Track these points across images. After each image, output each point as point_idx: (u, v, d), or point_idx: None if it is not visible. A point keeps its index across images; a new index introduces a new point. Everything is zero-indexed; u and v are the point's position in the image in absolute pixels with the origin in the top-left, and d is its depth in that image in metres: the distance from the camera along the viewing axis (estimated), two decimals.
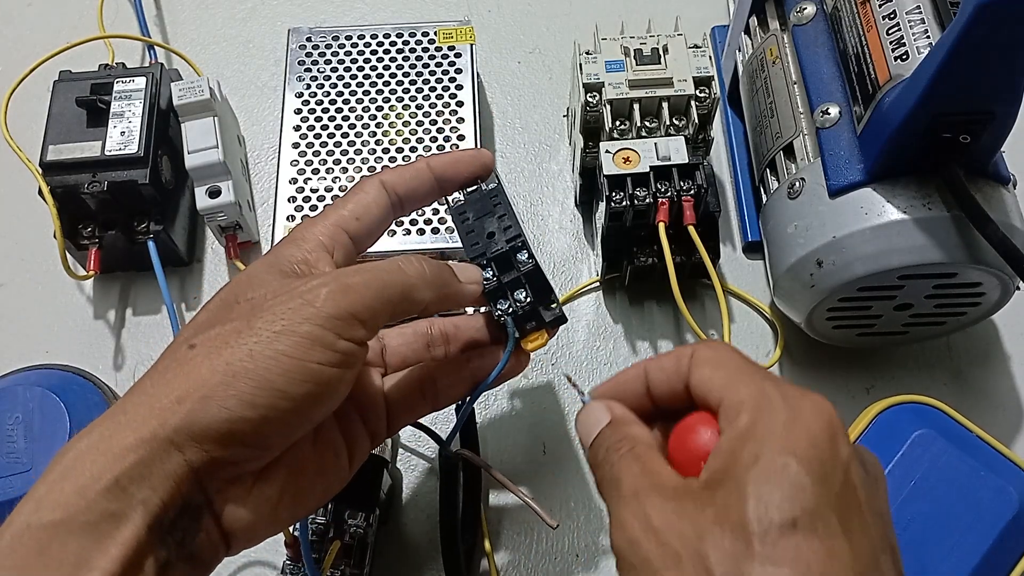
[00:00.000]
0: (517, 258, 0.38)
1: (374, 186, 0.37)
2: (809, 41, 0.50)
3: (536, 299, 0.38)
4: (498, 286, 0.38)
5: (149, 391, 0.29)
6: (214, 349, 0.29)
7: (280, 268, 0.33)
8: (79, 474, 0.27)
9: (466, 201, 0.40)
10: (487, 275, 0.38)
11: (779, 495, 0.25)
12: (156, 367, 0.31)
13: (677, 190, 0.49)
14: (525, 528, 0.49)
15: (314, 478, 0.34)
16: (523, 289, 0.38)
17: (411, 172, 0.38)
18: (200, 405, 0.28)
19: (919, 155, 0.42)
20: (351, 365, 0.31)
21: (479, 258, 0.38)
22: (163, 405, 0.29)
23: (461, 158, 0.39)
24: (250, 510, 0.31)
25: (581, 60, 0.52)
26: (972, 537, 0.41)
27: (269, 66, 0.66)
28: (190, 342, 0.30)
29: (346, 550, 0.44)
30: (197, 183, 0.53)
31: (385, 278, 0.32)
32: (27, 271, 0.58)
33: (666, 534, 0.26)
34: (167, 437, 0.28)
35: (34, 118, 0.55)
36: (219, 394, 0.28)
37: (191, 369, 0.29)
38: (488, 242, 0.38)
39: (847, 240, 0.44)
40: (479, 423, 0.52)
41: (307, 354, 0.29)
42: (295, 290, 0.31)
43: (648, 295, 0.56)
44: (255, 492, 0.31)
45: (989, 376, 0.54)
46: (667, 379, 0.32)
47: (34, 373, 0.49)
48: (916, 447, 0.43)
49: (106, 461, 0.27)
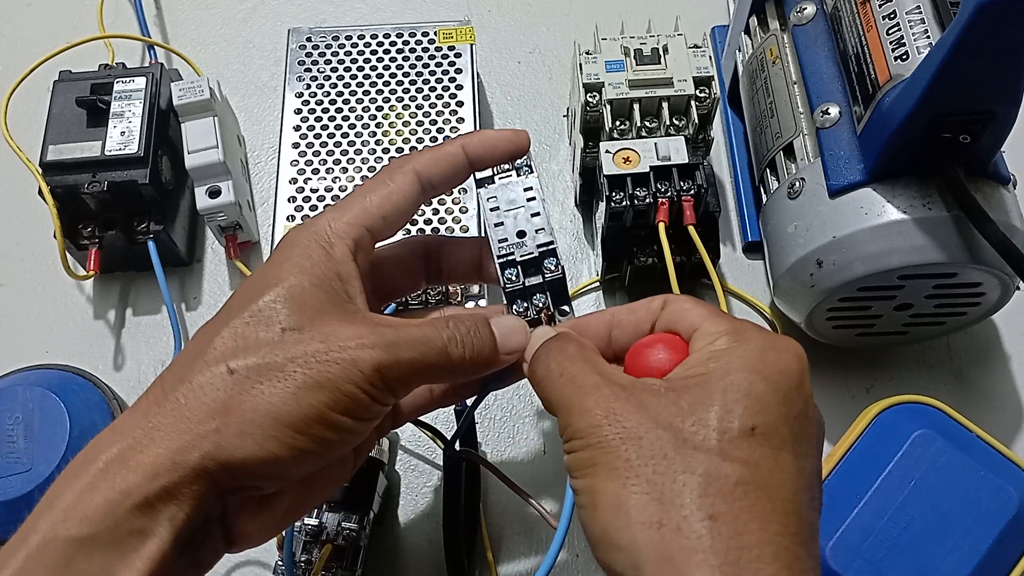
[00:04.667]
0: (545, 264, 0.37)
1: (408, 179, 0.35)
2: (809, 41, 0.50)
3: (554, 304, 0.37)
4: (521, 289, 0.37)
5: (182, 404, 0.29)
6: (256, 383, 0.29)
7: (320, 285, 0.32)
8: (109, 488, 0.27)
9: (496, 184, 0.38)
10: (511, 275, 0.37)
11: (742, 405, 0.28)
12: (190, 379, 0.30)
13: (677, 190, 0.49)
14: (524, 529, 0.49)
15: (321, 486, 0.35)
16: (544, 294, 0.37)
17: (446, 159, 0.36)
18: (237, 440, 0.29)
19: (919, 155, 0.42)
20: (378, 418, 0.32)
21: (507, 258, 0.37)
22: (199, 429, 0.29)
23: (499, 140, 0.37)
24: (259, 521, 0.32)
25: (581, 60, 0.52)
26: (972, 537, 0.41)
27: (269, 66, 0.66)
28: (230, 364, 0.29)
29: (339, 552, 0.44)
30: (197, 183, 0.53)
31: (432, 358, 0.32)
32: (27, 271, 0.58)
33: (628, 419, 0.28)
34: (200, 460, 0.28)
35: (34, 118, 0.55)
36: (258, 433, 0.29)
37: (230, 399, 0.29)
38: (519, 243, 0.37)
39: (847, 240, 0.44)
40: (478, 423, 0.52)
41: (346, 410, 0.30)
42: (345, 347, 0.30)
43: (648, 295, 0.56)
44: (267, 506, 0.32)
45: (989, 376, 0.54)
46: (635, 320, 0.34)
47: (34, 373, 0.49)
48: (916, 447, 0.43)
49: (137, 479, 0.28)
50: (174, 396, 0.29)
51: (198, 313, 0.57)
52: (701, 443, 0.27)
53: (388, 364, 0.31)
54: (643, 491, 0.27)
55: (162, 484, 0.28)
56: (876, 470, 0.43)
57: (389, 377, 0.31)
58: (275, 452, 0.29)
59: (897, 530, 0.42)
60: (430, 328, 0.32)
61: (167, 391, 0.30)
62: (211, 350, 0.30)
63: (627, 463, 0.27)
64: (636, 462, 0.27)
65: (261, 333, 0.30)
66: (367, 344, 0.30)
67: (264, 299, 0.31)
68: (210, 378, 0.29)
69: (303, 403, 0.29)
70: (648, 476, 0.27)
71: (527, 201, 0.37)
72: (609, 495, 0.27)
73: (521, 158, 0.38)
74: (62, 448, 0.45)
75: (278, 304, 0.31)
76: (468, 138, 0.37)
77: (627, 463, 0.27)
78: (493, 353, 0.34)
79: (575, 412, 0.29)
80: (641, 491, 0.27)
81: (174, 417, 0.29)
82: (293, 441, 0.29)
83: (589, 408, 0.29)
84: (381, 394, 0.31)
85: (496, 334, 0.34)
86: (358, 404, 0.30)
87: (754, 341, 0.30)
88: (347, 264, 0.33)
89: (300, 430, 0.29)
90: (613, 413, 0.28)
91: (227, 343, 0.30)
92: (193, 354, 0.30)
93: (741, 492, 0.26)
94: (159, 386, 0.30)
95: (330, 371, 0.30)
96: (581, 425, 0.29)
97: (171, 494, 0.28)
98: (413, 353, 0.31)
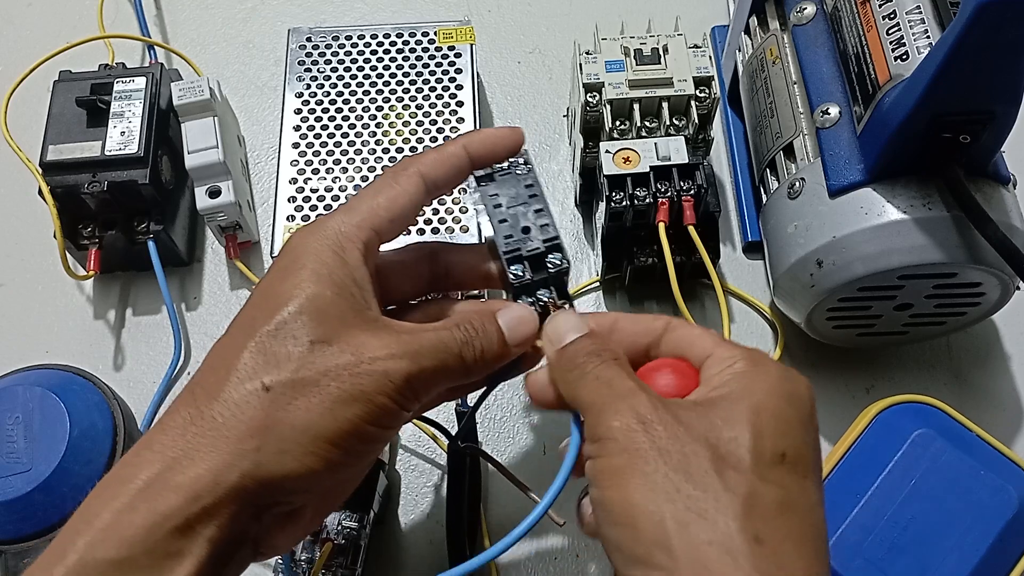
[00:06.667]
0: (549, 258, 0.37)
1: (413, 181, 0.35)
2: (809, 41, 0.50)
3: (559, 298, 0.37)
4: (528, 284, 0.37)
5: (220, 423, 0.29)
6: (292, 399, 0.30)
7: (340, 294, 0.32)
8: (149, 510, 0.28)
9: (496, 182, 0.38)
10: (517, 271, 0.36)
11: (772, 428, 0.28)
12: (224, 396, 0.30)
13: (677, 190, 0.49)
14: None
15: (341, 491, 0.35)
16: (549, 289, 0.37)
17: (449, 160, 0.36)
18: (277, 457, 0.29)
19: (919, 155, 0.42)
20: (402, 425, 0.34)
21: (513, 254, 0.36)
22: (239, 448, 0.29)
23: (499, 139, 0.37)
24: (287, 533, 0.32)
25: (581, 60, 0.52)
26: (972, 537, 0.41)
27: (269, 66, 0.66)
28: (264, 380, 0.30)
29: (339, 550, 0.44)
30: (197, 183, 0.53)
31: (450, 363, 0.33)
32: (27, 271, 0.58)
33: (664, 429, 0.28)
34: (239, 479, 0.29)
35: (34, 118, 0.55)
36: (296, 450, 0.29)
37: (268, 416, 0.29)
38: (524, 238, 0.37)
39: (847, 240, 0.44)
40: (478, 422, 0.52)
41: (378, 421, 0.31)
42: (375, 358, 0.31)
43: (648, 295, 0.56)
44: (293, 517, 0.32)
45: (989, 376, 0.54)
46: (635, 331, 0.34)
47: (34, 373, 0.49)
48: (916, 447, 0.43)
49: (179, 500, 0.28)
50: (210, 414, 0.29)
51: (198, 313, 0.57)
52: (738, 463, 0.27)
53: (415, 373, 0.31)
54: (686, 508, 0.26)
55: (202, 505, 0.28)
56: (876, 470, 0.43)
57: (416, 386, 0.32)
58: (313, 467, 0.29)
59: (897, 530, 0.42)
60: (445, 333, 0.33)
61: (201, 408, 0.30)
62: (241, 365, 0.30)
63: (667, 478, 0.27)
64: (675, 476, 0.27)
65: (289, 346, 0.30)
66: (396, 354, 0.31)
67: (288, 311, 0.31)
68: (246, 395, 0.30)
69: (340, 417, 0.30)
70: (689, 492, 0.26)
71: (529, 197, 0.37)
72: (648, 510, 0.27)
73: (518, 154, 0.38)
74: (62, 448, 0.45)
75: (304, 316, 0.31)
76: (469, 138, 0.37)
77: (667, 478, 0.27)
78: (503, 348, 0.34)
79: (609, 411, 0.29)
80: (684, 508, 0.26)
81: (212, 435, 0.29)
82: (329, 455, 0.30)
83: (623, 410, 0.29)
84: (408, 402, 0.32)
85: (503, 328, 0.34)
86: (389, 414, 0.31)
87: (772, 367, 0.30)
88: (360, 269, 0.33)
89: (336, 444, 0.30)
90: (649, 420, 0.28)
91: (256, 358, 0.30)
92: (223, 369, 0.30)
93: (780, 515, 0.27)
94: (191, 403, 0.30)
95: (363, 384, 0.30)
96: (615, 424, 0.28)
97: (210, 514, 0.28)
98: (434, 361, 0.32)
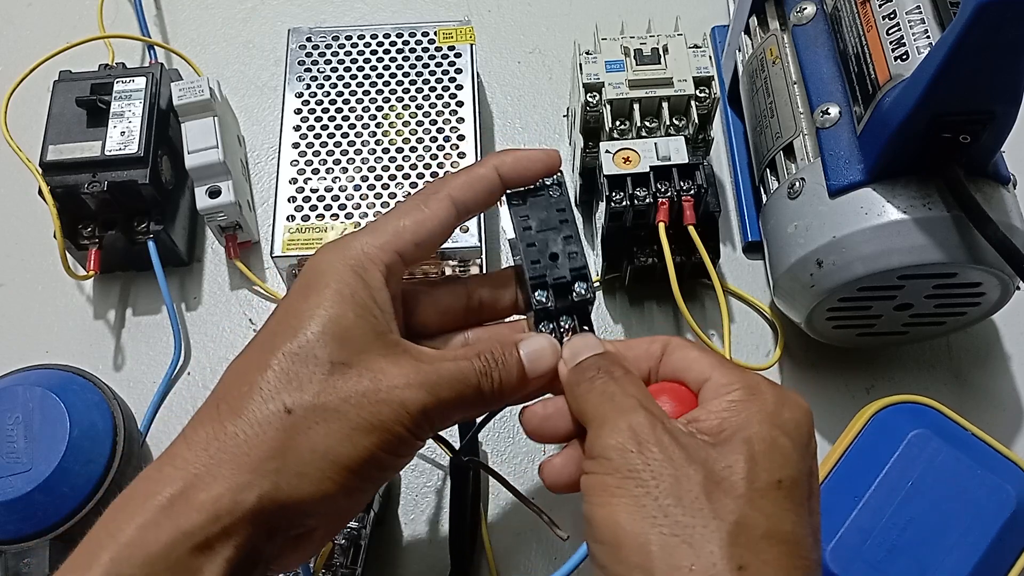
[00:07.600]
0: (575, 287, 0.36)
1: (443, 205, 0.34)
2: (809, 41, 0.50)
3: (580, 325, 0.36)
4: (550, 311, 0.36)
5: (242, 440, 0.29)
6: (313, 423, 0.30)
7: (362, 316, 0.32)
8: (173, 527, 0.28)
9: (528, 204, 0.37)
10: (541, 297, 0.36)
11: (769, 458, 0.28)
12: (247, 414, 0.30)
13: (677, 190, 0.49)
14: (524, 538, 0.49)
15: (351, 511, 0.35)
16: (571, 317, 0.36)
17: (480, 183, 0.35)
18: (295, 481, 0.29)
19: (919, 155, 0.42)
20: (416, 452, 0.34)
21: (539, 280, 0.35)
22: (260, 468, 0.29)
23: (532, 161, 0.36)
24: (299, 552, 0.33)
25: (581, 60, 0.52)
26: (971, 536, 0.41)
27: (269, 66, 0.66)
28: (286, 402, 0.30)
29: (339, 550, 0.45)
30: (197, 183, 0.53)
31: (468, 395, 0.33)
32: (27, 271, 0.58)
33: (660, 451, 0.28)
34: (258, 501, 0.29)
35: (34, 118, 0.55)
36: (315, 475, 0.30)
37: (289, 439, 0.30)
38: (551, 265, 0.36)
39: (847, 240, 0.44)
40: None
41: (394, 450, 0.31)
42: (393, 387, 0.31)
43: (648, 295, 0.56)
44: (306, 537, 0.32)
45: (989, 376, 0.54)
46: (632, 358, 0.34)
47: (34, 373, 0.49)
48: (912, 447, 0.43)
49: (201, 519, 0.28)
50: (233, 431, 0.30)
51: (198, 313, 0.57)
52: (731, 488, 0.27)
53: (432, 405, 0.31)
54: (672, 533, 0.27)
55: (222, 525, 0.28)
56: (873, 471, 0.43)
57: (432, 416, 0.32)
58: (329, 491, 0.30)
59: (896, 531, 0.42)
60: (465, 364, 0.33)
61: (225, 423, 0.30)
62: (264, 383, 0.30)
63: (656, 501, 0.27)
64: (664, 500, 0.27)
65: (311, 367, 0.31)
66: (413, 384, 0.31)
67: (310, 331, 0.31)
68: (268, 416, 0.30)
69: (358, 445, 0.30)
70: (677, 517, 0.27)
71: (560, 222, 0.36)
72: (633, 532, 0.27)
73: (552, 176, 0.37)
74: (62, 448, 0.45)
75: (326, 336, 0.31)
76: (500, 158, 0.36)
77: (656, 501, 0.27)
78: (522, 380, 0.34)
79: (607, 427, 0.29)
80: (670, 532, 0.27)
81: (234, 452, 0.29)
82: (346, 480, 0.30)
83: (621, 428, 0.29)
84: (423, 432, 0.32)
85: (524, 360, 0.34)
86: (404, 443, 0.31)
87: (770, 395, 0.30)
88: (382, 292, 0.33)
89: (353, 470, 0.30)
90: (645, 440, 0.28)
91: (279, 377, 0.31)
92: (246, 386, 0.31)
93: (767, 545, 0.27)
94: (215, 417, 0.30)
95: (381, 413, 0.30)
96: (611, 443, 0.29)
97: (228, 534, 0.28)
98: (451, 392, 0.32)
